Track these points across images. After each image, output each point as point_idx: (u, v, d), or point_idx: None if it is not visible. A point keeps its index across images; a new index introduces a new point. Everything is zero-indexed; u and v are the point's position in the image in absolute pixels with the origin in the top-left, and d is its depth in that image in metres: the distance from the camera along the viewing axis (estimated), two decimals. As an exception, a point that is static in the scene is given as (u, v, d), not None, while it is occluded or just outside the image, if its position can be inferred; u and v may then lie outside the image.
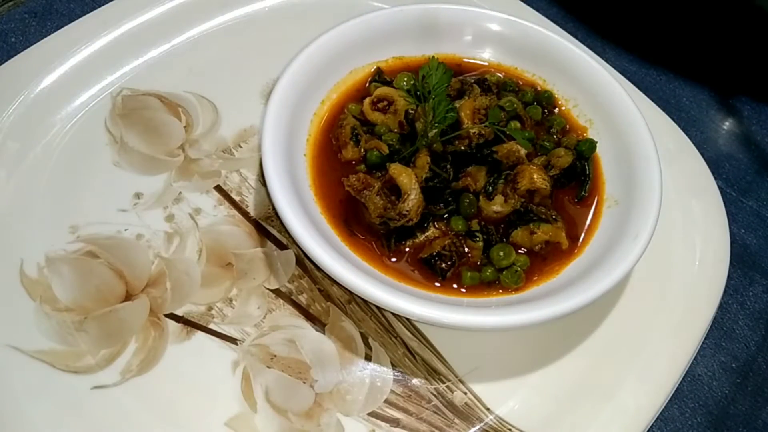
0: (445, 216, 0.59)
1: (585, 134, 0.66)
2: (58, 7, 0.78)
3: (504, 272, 0.56)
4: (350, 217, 0.59)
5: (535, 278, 0.57)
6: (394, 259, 0.57)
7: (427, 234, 0.58)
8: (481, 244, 0.57)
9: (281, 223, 0.54)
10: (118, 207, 0.62)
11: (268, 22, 0.76)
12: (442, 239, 0.58)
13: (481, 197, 0.59)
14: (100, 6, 0.73)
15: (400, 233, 0.58)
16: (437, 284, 0.57)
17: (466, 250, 0.58)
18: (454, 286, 0.57)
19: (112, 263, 0.59)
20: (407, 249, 0.58)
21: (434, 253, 0.56)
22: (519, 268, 0.57)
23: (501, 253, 0.56)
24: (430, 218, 0.58)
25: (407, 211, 0.56)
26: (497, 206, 0.58)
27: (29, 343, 0.54)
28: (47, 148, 0.65)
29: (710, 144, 0.76)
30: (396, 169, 0.57)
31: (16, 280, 0.57)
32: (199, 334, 0.57)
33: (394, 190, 0.57)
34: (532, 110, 0.66)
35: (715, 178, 0.68)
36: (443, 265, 0.56)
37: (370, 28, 0.67)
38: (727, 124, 0.79)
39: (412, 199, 0.56)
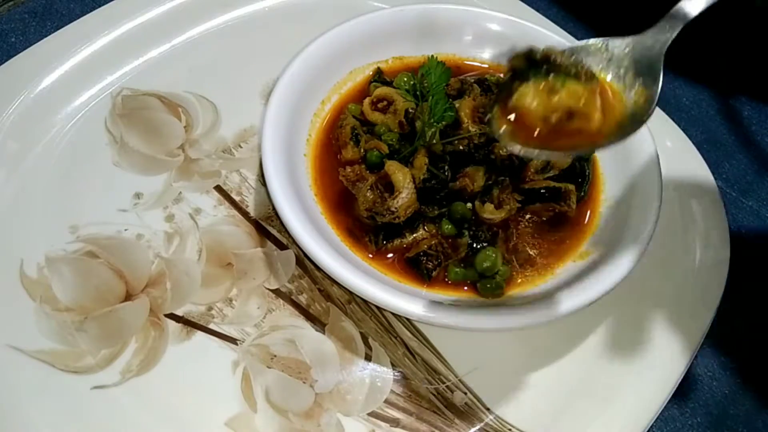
0: (436, 219, 0.59)
1: (585, 134, 0.66)
2: (58, 7, 0.78)
3: (483, 281, 0.56)
4: (342, 209, 0.59)
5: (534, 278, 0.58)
6: (390, 255, 0.58)
7: (415, 235, 0.58)
8: (467, 240, 0.57)
9: (281, 223, 0.54)
10: (118, 207, 0.62)
11: (268, 22, 0.76)
12: (429, 239, 0.58)
13: (477, 203, 0.59)
14: (100, 6, 0.73)
15: (389, 231, 0.58)
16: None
17: (451, 251, 0.58)
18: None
19: (112, 263, 0.59)
20: (394, 246, 0.58)
21: (420, 252, 0.56)
22: (500, 278, 0.56)
23: (485, 264, 0.56)
24: (421, 219, 0.58)
25: (395, 208, 0.56)
26: (487, 213, 0.58)
27: (29, 343, 0.54)
28: (47, 148, 0.65)
29: (710, 144, 0.76)
30: (392, 166, 0.57)
31: (16, 280, 0.57)
32: (199, 334, 0.57)
33: (390, 188, 0.57)
34: (532, 110, 0.66)
35: (715, 178, 0.68)
36: (429, 264, 0.56)
37: (370, 28, 0.67)
38: (727, 124, 0.79)
39: (403, 197, 0.56)
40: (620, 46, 0.44)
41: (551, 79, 0.40)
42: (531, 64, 0.42)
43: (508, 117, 0.40)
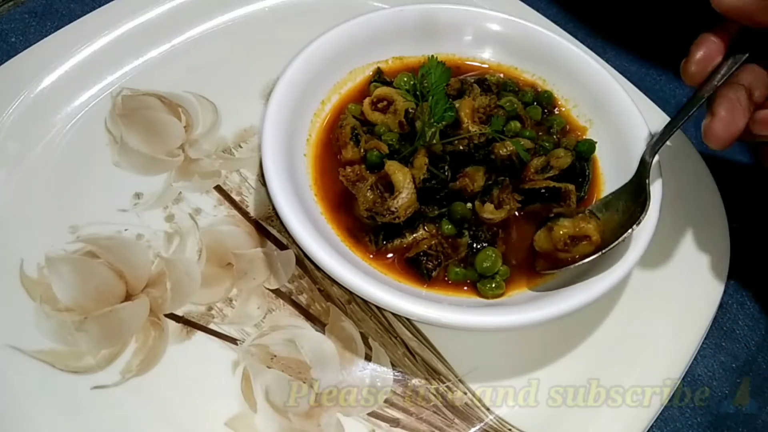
0: (436, 219, 0.59)
1: (585, 134, 0.66)
2: (58, 7, 0.78)
3: (483, 281, 0.56)
4: (342, 209, 0.59)
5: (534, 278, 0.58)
6: (390, 255, 0.57)
7: (415, 235, 0.58)
8: (467, 240, 0.57)
9: (281, 223, 0.54)
10: (118, 207, 0.62)
11: (268, 22, 0.76)
12: (429, 239, 0.57)
13: (477, 203, 0.59)
14: (100, 6, 0.73)
15: (389, 231, 0.57)
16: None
17: (451, 251, 0.58)
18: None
19: (112, 263, 0.59)
20: (394, 247, 0.58)
21: (420, 252, 0.56)
22: (500, 278, 0.56)
23: (485, 264, 0.56)
24: (421, 219, 0.58)
25: (396, 208, 0.56)
26: (487, 213, 0.58)
27: (29, 343, 0.54)
28: (47, 148, 0.65)
29: (710, 144, 0.76)
30: (392, 166, 0.57)
31: (16, 280, 0.57)
32: (199, 334, 0.57)
33: (390, 188, 0.57)
34: (532, 110, 0.66)
35: (715, 179, 0.68)
36: (429, 264, 0.56)
37: (370, 28, 0.67)
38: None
39: (403, 197, 0.56)
40: (622, 190, 0.60)
41: (550, 223, 0.57)
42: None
43: (539, 254, 0.58)
